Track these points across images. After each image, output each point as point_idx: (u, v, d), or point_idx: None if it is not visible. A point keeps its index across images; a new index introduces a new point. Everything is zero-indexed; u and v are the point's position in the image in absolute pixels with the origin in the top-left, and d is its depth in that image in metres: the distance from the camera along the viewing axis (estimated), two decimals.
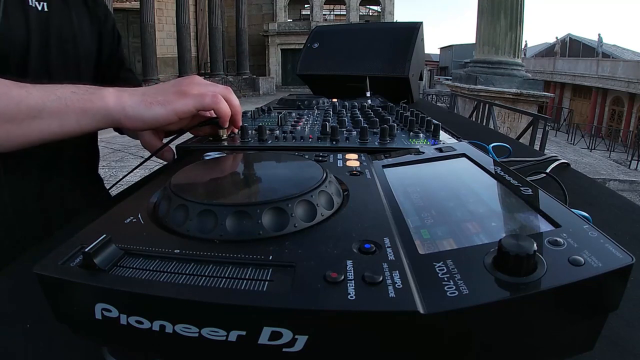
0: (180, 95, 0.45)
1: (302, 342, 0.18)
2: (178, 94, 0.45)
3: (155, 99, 0.45)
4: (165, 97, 0.45)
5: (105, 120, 0.44)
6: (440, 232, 0.25)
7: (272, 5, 18.27)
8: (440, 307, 0.18)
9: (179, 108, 0.45)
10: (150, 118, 0.44)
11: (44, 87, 0.43)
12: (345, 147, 0.49)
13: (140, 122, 0.45)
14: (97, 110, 0.43)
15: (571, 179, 0.59)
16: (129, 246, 0.23)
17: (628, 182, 5.78)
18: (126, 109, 0.44)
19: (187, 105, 0.45)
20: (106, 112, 0.44)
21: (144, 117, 0.44)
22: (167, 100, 0.45)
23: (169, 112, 0.44)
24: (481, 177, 0.35)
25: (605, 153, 9.79)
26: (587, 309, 0.20)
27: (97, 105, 0.43)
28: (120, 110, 0.44)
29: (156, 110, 0.44)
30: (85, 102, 0.43)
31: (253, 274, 0.20)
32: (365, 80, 1.11)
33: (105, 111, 0.44)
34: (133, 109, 0.44)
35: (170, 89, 0.46)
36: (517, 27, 5.29)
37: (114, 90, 0.45)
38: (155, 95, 0.45)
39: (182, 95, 0.45)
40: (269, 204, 0.25)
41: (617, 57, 16.74)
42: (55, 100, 0.42)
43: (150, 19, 11.65)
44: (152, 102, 0.45)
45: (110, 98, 0.44)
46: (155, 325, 0.19)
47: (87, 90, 0.44)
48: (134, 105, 0.44)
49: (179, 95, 0.45)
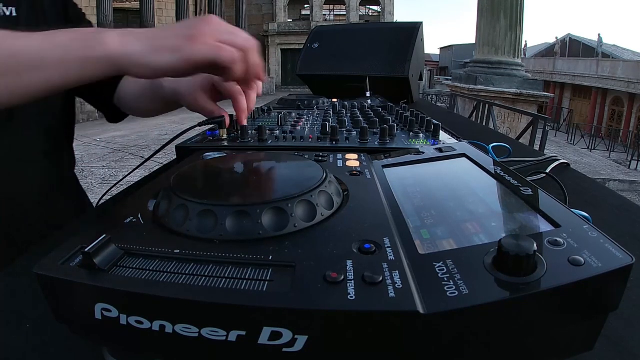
0: (193, 40, 0.39)
1: (302, 342, 0.18)
2: (190, 39, 0.39)
3: (164, 44, 0.39)
4: (175, 42, 0.39)
5: (109, 67, 0.39)
6: (440, 232, 0.25)
7: (272, 5, 18.27)
8: (440, 307, 0.18)
9: (191, 56, 0.39)
10: (158, 66, 0.39)
11: (43, 36, 0.39)
12: (345, 147, 0.49)
13: (149, 70, 0.40)
14: (99, 58, 0.39)
15: (571, 179, 0.58)
16: (129, 246, 0.23)
17: (628, 182, 5.78)
18: (130, 56, 0.39)
19: (201, 52, 0.39)
20: (108, 59, 0.39)
21: (151, 64, 0.39)
22: (178, 46, 0.39)
23: (179, 60, 0.39)
24: (481, 177, 0.35)
25: (605, 153, 9.80)
26: (587, 309, 0.20)
27: (97, 52, 0.39)
28: (124, 56, 0.39)
29: (165, 58, 0.39)
30: (86, 50, 0.39)
31: (253, 274, 0.20)
32: (365, 80, 1.12)
33: (107, 58, 0.39)
34: (138, 55, 0.39)
35: (183, 31, 0.40)
36: (517, 27, 5.29)
37: (118, 34, 0.40)
38: (165, 39, 0.40)
39: (195, 40, 0.39)
40: (269, 204, 0.25)
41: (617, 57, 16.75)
42: (54, 49, 0.39)
43: (150, 19, 11.64)
44: (163, 47, 0.39)
45: (113, 43, 0.39)
46: (155, 325, 0.19)
47: (88, 35, 0.40)
48: (140, 51, 0.39)
49: (192, 40, 0.39)
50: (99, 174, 4.33)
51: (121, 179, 0.56)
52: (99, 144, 5.74)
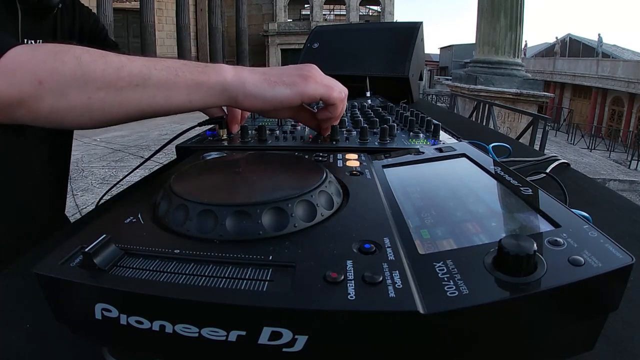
0: (307, 80, 0.43)
1: (302, 342, 0.18)
2: (304, 78, 0.43)
3: (279, 79, 0.42)
4: (290, 79, 0.43)
5: (220, 95, 0.40)
6: (440, 232, 0.25)
7: (272, 5, 18.26)
8: (440, 307, 0.18)
9: (306, 92, 0.43)
10: (273, 97, 0.42)
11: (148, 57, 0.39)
12: (345, 147, 0.49)
13: (261, 101, 0.42)
14: (213, 84, 0.40)
15: (571, 179, 0.58)
16: (129, 246, 0.23)
17: (628, 182, 5.78)
18: (247, 85, 0.41)
19: (317, 90, 0.43)
20: (223, 86, 0.40)
21: (266, 95, 0.41)
22: (293, 82, 0.42)
23: (294, 93, 0.42)
24: (481, 177, 0.35)
25: (605, 153, 9.79)
26: (587, 309, 0.20)
27: (213, 79, 0.40)
28: (239, 86, 0.40)
29: (281, 90, 0.42)
30: (200, 75, 0.39)
31: (253, 274, 0.20)
32: (365, 80, 1.11)
33: (222, 86, 0.40)
34: (255, 86, 0.41)
35: (294, 71, 0.44)
36: (517, 27, 5.29)
37: (231, 66, 0.42)
38: (279, 76, 0.43)
39: (309, 80, 0.43)
40: (269, 204, 0.25)
41: (617, 57, 16.74)
42: (163, 69, 0.38)
43: (150, 19, 11.63)
44: (277, 82, 0.42)
45: (229, 73, 0.41)
46: (155, 325, 0.19)
47: (200, 64, 0.41)
48: (256, 82, 0.41)
49: (306, 80, 0.43)
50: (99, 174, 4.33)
51: (121, 179, 0.56)
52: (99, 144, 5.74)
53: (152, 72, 0.37)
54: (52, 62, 0.35)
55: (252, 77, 0.41)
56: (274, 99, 0.42)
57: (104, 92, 0.36)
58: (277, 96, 0.42)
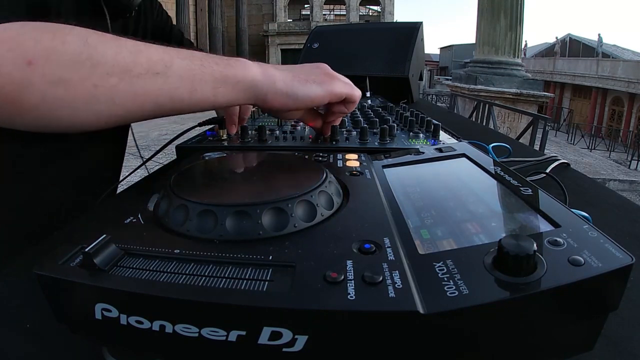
0: (332, 78, 0.44)
1: (302, 342, 0.18)
2: (330, 77, 0.44)
3: (309, 77, 0.42)
4: (318, 77, 0.42)
5: (248, 92, 0.38)
6: (440, 232, 0.25)
7: (272, 5, 18.26)
8: (440, 307, 0.18)
9: (334, 90, 0.43)
10: (305, 96, 0.41)
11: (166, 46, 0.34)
12: (345, 147, 0.49)
13: (291, 100, 0.40)
14: (241, 79, 0.37)
15: (571, 179, 0.58)
16: (129, 246, 0.23)
17: (628, 182, 5.78)
18: (277, 83, 0.39)
19: (343, 89, 0.44)
20: (252, 82, 0.38)
21: (298, 93, 0.40)
22: (322, 80, 0.43)
23: (325, 91, 0.42)
24: (481, 177, 0.35)
25: (605, 153, 9.79)
26: (587, 309, 0.20)
27: (241, 74, 0.37)
28: (269, 83, 0.38)
29: (312, 88, 0.41)
30: (228, 68, 0.36)
31: (253, 274, 0.20)
32: (365, 80, 1.11)
33: (251, 81, 0.37)
34: (285, 83, 0.39)
35: (317, 71, 0.44)
36: (517, 27, 5.29)
37: (254, 62, 0.39)
38: (307, 75, 0.42)
39: (334, 78, 0.44)
40: (269, 204, 0.25)
41: (617, 57, 16.74)
42: (187, 57, 0.34)
43: None
44: (308, 80, 0.41)
45: (257, 69, 0.38)
46: (155, 325, 0.19)
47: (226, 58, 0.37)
48: (287, 80, 0.40)
49: (332, 78, 0.44)
50: None
51: (121, 179, 0.56)
52: None
53: (174, 60, 0.32)
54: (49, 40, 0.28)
55: (282, 75, 0.40)
56: (306, 98, 0.41)
57: (116, 78, 0.30)
58: (309, 95, 0.41)
